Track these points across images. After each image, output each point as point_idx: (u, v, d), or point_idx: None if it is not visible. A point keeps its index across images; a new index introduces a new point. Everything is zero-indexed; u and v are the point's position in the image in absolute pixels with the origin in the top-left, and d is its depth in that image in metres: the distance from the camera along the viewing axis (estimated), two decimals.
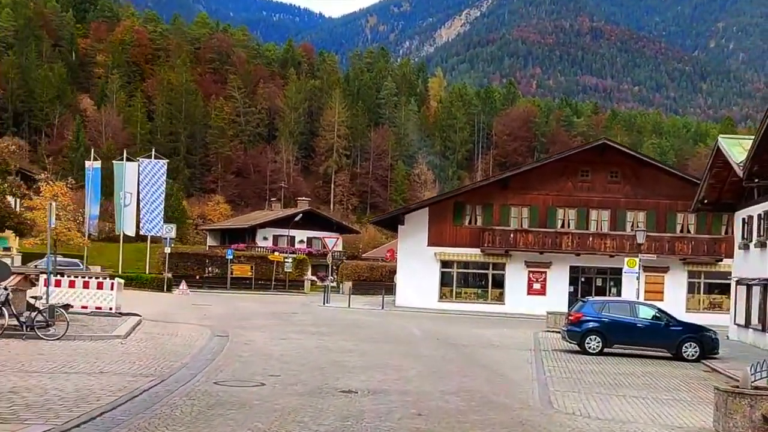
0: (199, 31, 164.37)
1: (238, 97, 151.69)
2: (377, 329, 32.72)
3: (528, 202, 47.08)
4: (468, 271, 48.52)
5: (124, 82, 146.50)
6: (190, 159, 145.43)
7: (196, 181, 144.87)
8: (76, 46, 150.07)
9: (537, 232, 45.96)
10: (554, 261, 46.72)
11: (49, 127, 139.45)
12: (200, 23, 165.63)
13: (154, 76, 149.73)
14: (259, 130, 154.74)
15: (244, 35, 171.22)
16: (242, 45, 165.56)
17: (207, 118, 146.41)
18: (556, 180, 46.84)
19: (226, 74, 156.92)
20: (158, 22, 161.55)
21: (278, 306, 44.45)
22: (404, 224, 47.29)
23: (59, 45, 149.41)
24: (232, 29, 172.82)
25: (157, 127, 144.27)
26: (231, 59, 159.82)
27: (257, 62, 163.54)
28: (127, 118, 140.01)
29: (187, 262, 67.08)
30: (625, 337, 27.48)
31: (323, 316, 38.97)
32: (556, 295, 46.44)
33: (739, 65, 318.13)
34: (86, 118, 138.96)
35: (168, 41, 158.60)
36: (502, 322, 40.21)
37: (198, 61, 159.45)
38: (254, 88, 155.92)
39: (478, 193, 47.31)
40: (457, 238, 47.06)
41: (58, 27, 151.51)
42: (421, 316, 42.22)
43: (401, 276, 47.78)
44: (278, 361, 20.56)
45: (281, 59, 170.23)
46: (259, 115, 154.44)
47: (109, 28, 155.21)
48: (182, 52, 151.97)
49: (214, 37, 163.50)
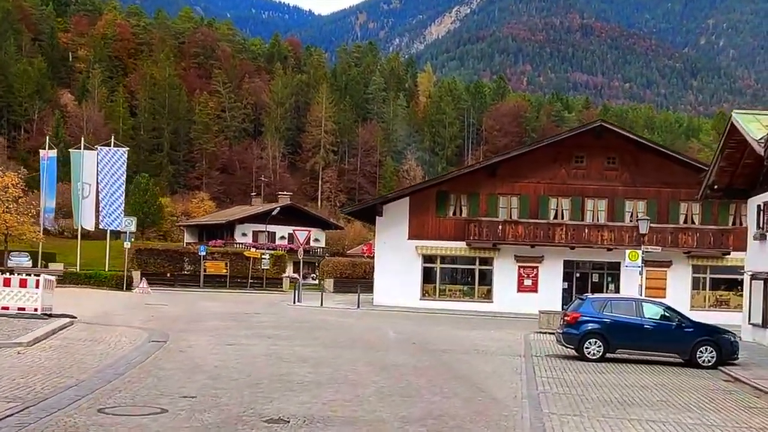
0: (183, 25, 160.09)
1: (223, 92, 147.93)
2: (346, 332, 28.60)
3: (518, 190, 42.90)
4: (453, 267, 44.35)
5: (106, 76, 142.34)
6: (174, 155, 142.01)
7: (180, 177, 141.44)
8: (56, 40, 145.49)
9: (527, 224, 41.79)
10: (547, 255, 42.57)
11: (28, 123, 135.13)
12: (184, 17, 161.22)
13: (137, 70, 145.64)
14: (244, 125, 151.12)
15: (229, 29, 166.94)
16: (227, 39, 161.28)
17: (191, 114, 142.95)
18: (549, 167, 42.68)
19: (210, 69, 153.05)
20: (141, 16, 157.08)
21: (244, 305, 40.32)
22: (382, 215, 43.06)
23: (39, 39, 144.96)
24: (217, 23, 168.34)
25: (140, 123, 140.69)
26: (216, 54, 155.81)
27: (243, 57, 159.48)
28: (109, 114, 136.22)
29: (158, 259, 62.78)
30: (630, 341, 23.46)
31: (289, 316, 34.78)
32: (549, 292, 42.37)
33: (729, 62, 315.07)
34: (67, 113, 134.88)
35: (151, 35, 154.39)
36: (490, 323, 36.29)
37: (182, 55, 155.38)
38: (240, 83, 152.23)
39: (463, 181, 43.08)
40: (441, 230, 42.90)
41: (39, 21, 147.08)
42: (401, 316, 38.10)
43: (379, 272, 43.57)
44: (207, 375, 16.43)
45: (267, 54, 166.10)
46: (244, 110, 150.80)
47: (91, 22, 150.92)
48: (166, 47, 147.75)
49: (199, 31, 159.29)
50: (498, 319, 38.74)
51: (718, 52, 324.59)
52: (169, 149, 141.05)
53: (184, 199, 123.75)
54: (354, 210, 47.61)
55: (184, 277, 63.19)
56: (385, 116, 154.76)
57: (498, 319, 38.33)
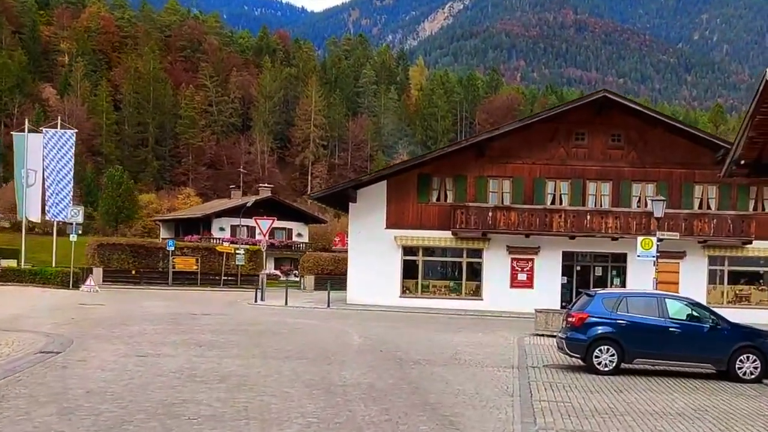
0: (169, 18, 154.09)
1: (210, 86, 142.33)
2: (301, 337, 23.11)
3: (510, 172, 37.19)
4: (437, 259, 38.64)
5: (89, 70, 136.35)
6: (159, 150, 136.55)
7: (166, 173, 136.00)
8: (38, 33, 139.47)
9: (521, 210, 36.07)
10: (543, 245, 36.90)
11: (8, 117, 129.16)
12: (170, 10, 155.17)
13: (122, 64, 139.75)
14: (232, 120, 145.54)
15: (216, 22, 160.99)
16: (215, 32, 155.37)
17: (177, 108, 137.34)
18: (545, 145, 36.99)
19: (197, 62, 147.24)
20: (126, 8, 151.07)
21: (199, 305, 34.69)
22: (356, 201, 37.36)
23: (20, 32, 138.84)
24: (204, 16, 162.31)
25: (124, 117, 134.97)
26: (202, 47, 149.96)
27: (230, 50, 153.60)
28: (92, 108, 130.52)
29: (123, 255, 57.10)
30: (652, 348, 18.12)
31: (241, 318, 29.13)
32: (547, 288, 36.76)
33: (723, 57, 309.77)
34: (48, 107, 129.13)
35: (136, 28, 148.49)
36: (479, 323, 30.79)
37: (168, 49, 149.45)
38: (227, 76, 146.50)
39: (447, 162, 37.29)
40: (423, 218, 37.24)
41: (20, 13, 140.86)
42: (376, 316, 32.49)
43: (353, 266, 37.84)
44: (61, 407, 11.20)
45: (255, 47, 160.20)
46: (232, 104, 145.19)
47: (74, 15, 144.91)
48: (151, 40, 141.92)
49: (185, 24, 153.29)
50: (488, 318, 33.19)
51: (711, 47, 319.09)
52: (154, 144, 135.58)
53: (170, 196, 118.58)
54: (323, 195, 40.52)
55: (152, 274, 57.58)
56: (376, 110, 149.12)
57: (488, 319, 32.80)
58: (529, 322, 29.26)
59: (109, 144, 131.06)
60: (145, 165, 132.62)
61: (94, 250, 56.68)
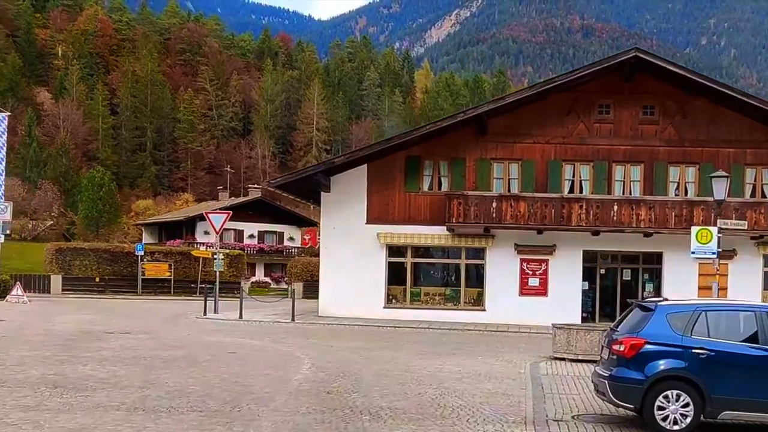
0: (168, 21, 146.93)
1: (210, 89, 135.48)
2: (225, 369, 15.87)
3: (518, 154, 29.54)
4: (429, 261, 30.95)
5: (85, 74, 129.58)
6: (157, 155, 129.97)
7: (164, 178, 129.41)
8: (32, 37, 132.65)
9: (533, 200, 28.36)
10: (560, 243, 29.25)
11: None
12: (170, 12, 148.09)
13: (119, 67, 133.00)
14: (233, 124, 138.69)
15: (217, 25, 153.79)
16: (215, 35, 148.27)
17: (175, 112, 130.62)
18: (561, 120, 29.36)
19: (197, 66, 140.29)
20: (124, 11, 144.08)
21: (129, 320, 27.20)
22: (329, 191, 29.80)
23: (15, 36, 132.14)
24: (204, 19, 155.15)
25: (121, 122, 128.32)
26: (203, 50, 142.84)
27: (231, 53, 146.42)
28: (88, 112, 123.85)
29: (86, 261, 49.75)
30: (750, 393, 10.82)
31: (167, 338, 21.65)
32: (564, 295, 29.13)
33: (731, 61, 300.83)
34: (43, 112, 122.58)
35: (134, 31, 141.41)
36: (480, 341, 23.28)
37: (167, 52, 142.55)
38: (227, 80, 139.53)
39: (441, 141, 29.52)
40: (412, 210, 29.66)
41: (15, 16, 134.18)
42: (350, 332, 24.97)
43: (326, 271, 30.20)
44: None
45: (257, 50, 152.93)
46: (232, 108, 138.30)
47: (71, 18, 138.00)
48: (149, 43, 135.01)
49: (185, 27, 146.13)
50: (492, 335, 25.65)
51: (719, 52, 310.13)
52: (152, 149, 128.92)
53: (168, 201, 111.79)
54: (286, 182, 30.75)
55: (119, 282, 50.22)
56: (380, 113, 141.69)
57: (492, 336, 25.27)
58: (544, 339, 22.00)
59: (105, 149, 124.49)
60: (142, 170, 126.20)
61: (52, 255, 49.38)
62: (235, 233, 69.57)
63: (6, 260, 63.34)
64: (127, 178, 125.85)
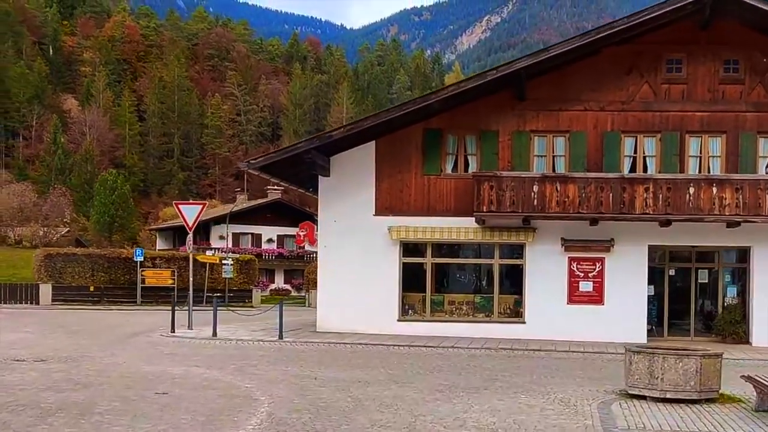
0: (196, 26, 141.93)
1: (238, 94, 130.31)
2: (121, 424, 9.01)
3: (565, 124, 22.69)
4: (454, 262, 24.23)
5: (112, 80, 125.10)
6: (185, 162, 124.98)
7: (192, 185, 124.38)
8: (59, 43, 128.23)
9: (585, 182, 21.50)
10: (620, 237, 22.40)
11: (26, 129, 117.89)
12: (198, 17, 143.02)
13: (146, 73, 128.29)
14: (261, 129, 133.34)
15: (245, 29, 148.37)
16: (243, 40, 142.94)
17: (203, 118, 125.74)
18: (619, 80, 22.54)
19: (225, 71, 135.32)
20: (152, 17, 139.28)
21: (77, 338, 20.91)
22: (329, 174, 23.30)
23: (42, 43, 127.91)
24: (233, 23, 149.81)
25: (148, 128, 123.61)
26: (231, 55, 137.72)
27: (259, 58, 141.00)
28: (115, 119, 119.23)
29: (79, 268, 43.79)
30: None
31: (84, 369, 15.21)
32: (624, 303, 22.25)
33: None
34: (70, 119, 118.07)
35: (162, 37, 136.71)
36: (519, 365, 16.53)
37: (195, 57, 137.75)
38: (255, 84, 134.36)
39: (469, 110, 22.65)
40: (432, 198, 22.97)
41: (42, 24, 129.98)
42: (348, 354, 18.39)
43: (324, 275, 23.59)
44: None
45: (285, 54, 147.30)
46: (261, 113, 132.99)
47: (98, 25, 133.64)
48: (176, 48, 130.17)
49: (213, 32, 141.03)
50: (535, 356, 18.92)
51: None
52: (179, 155, 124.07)
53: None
54: (271, 162, 22.67)
55: (116, 291, 44.18)
56: None
57: (535, 358, 18.55)
58: (606, 362, 15.56)
59: (132, 156, 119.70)
60: (170, 177, 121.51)
61: (40, 262, 43.44)
62: (252, 237, 63.54)
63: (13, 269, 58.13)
64: (154, 185, 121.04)
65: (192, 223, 22.74)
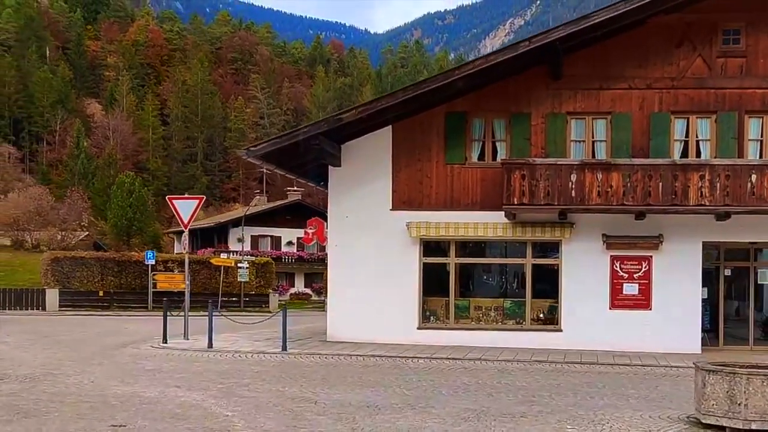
0: (219, 29, 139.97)
1: (261, 97, 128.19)
2: None
3: (607, 104, 19.67)
4: (481, 262, 21.32)
5: (136, 84, 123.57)
6: (208, 165, 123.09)
7: (216, 189, 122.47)
8: (83, 48, 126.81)
9: (631, 169, 18.48)
10: (670, 232, 19.43)
11: (50, 134, 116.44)
12: (221, 21, 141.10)
13: (170, 77, 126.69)
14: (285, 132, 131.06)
15: (268, 32, 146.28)
16: (266, 43, 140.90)
17: (226, 121, 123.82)
18: (669, 53, 19.62)
19: (248, 74, 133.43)
20: (175, 21, 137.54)
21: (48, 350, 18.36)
22: (340, 164, 20.53)
23: (66, 47, 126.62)
24: (256, 27, 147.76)
25: (171, 132, 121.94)
26: (254, 58, 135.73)
27: (282, 61, 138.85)
28: (138, 123, 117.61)
29: (87, 272, 41.51)
30: None
31: (41, 390, 12.50)
32: (674, 307, 19.30)
33: None
34: (93, 123, 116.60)
35: (185, 41, 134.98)
36: (559, 384, 13.49)
37: (219, 61, 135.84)
38: (279, 88, 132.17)
39: (497, 90, 19.81)
40: (457, 190, 20.09)
41: (66, 28, 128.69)
42: (363, 369, 15.56)
43: (335, 277, 20.74)
44: None
45: (308, 57, 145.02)
46: (284, 116, 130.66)
47: (122, 29, 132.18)
48: (200, 52, 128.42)
49: (236, 35, 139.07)
50: (576, 371, 15.98)
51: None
52: (203, 159, 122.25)
53: (219, 212, 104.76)
54: (273, 149, 19.49)
55: (126, 296, 41.84)
56: None
57: (576, 373, 15.61)
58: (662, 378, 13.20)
59: (155, 159, 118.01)
60: (193, 181, 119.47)
61: (47, 266, 41.18)
62: (272, 240, 61.01)
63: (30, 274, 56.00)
64: (178, 189, 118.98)
65: (188, 219, 20.07)
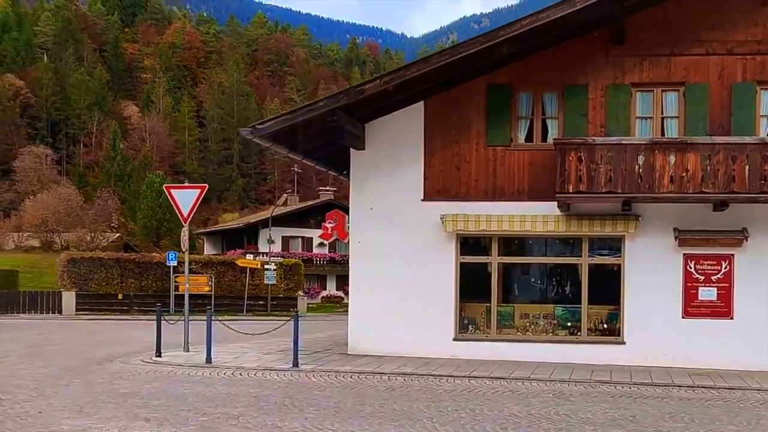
0: (256, 32, 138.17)
1: (297, 99, 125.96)
2: None
3: (679, 74, 16.23)
4: (527, 261, 17.74)
5: (173, 86, 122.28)
6: (244, 167, 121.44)
7: (251, 191, 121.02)
8: (120, 50, 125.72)
9: (711, 149, 15.05)
10: (756, 226, 16.03)
11: (87, 136, 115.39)
12: (257, 23, 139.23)
13: (206, 79, 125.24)
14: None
15: (305, 34, 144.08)
16: (302, 45, 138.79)
17: None
18: (753, 12, 16.20)
19: (284, 76, 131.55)
20: (212, 23, 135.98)
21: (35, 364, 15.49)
22: (364, 147, 17.33)
23: (103, 50, 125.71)
24: (292, 29, 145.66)
25: (207, 134, 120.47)
26: (290, 60, 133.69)
27: (318, 62, 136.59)
28: (174, 125, 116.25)
29: (105, 274, 38.97)
30: None
31: None
32: (761, 317, 15.94)
33: None
34: (130, 125, 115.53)
35: (222, 43, 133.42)
36: (625, 416, 10.10)
37: (255, 63, 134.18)
38: (314, 89, 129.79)
39: (547, 58, 16.47)
40: (500, 177, 16.84)
41: (103, 31, 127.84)
42: (389, 393, 12.29)
43: (357, 279, 17.55)
44: None
45: (344, 59, 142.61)
46: None
47: (159, 32, 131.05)
48: (236, 54, 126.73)
49: (272, 37, 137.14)
50: (647, 393, 12.63)
51: None
52: (239, 161, 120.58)
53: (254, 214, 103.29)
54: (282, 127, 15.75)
55: (147, 299, 39.17)
56: None
57: (649, 397, 12.25)
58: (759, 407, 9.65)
59: (191, 161, 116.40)
60: (229, 183, 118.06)
61: (63, 267, 38.67)
62: (303, 241, 58.23)
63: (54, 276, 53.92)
64: (214, 192, 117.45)
65: (187, 212, 17.09)
